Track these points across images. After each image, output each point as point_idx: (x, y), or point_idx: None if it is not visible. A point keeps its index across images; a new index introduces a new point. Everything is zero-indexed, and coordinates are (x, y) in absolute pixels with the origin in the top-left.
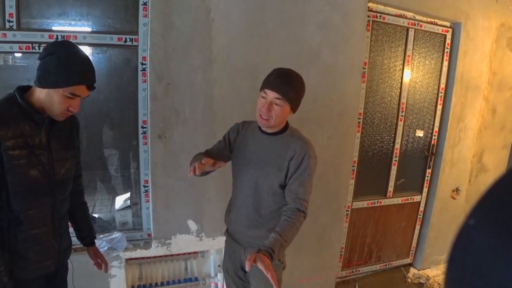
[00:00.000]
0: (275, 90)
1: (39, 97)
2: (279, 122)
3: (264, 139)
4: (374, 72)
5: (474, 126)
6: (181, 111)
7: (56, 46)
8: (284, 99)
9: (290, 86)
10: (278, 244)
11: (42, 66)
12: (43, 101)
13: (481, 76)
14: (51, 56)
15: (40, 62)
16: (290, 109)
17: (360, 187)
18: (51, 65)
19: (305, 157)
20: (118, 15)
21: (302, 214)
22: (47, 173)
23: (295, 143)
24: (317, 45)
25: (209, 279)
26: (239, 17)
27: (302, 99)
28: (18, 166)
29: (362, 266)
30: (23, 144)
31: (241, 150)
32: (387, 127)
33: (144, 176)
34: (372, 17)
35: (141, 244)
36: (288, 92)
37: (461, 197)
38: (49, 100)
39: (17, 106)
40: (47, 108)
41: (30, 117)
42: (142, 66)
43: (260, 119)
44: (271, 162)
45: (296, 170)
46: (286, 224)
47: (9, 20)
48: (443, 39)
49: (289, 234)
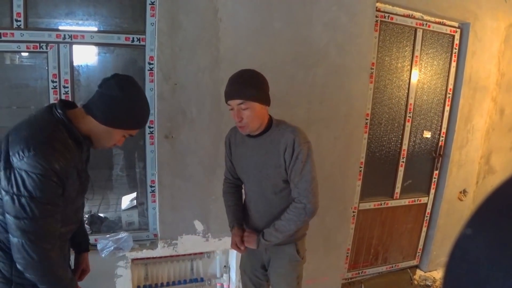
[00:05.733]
0: (234, 98)
1: (92, 128)
2: (259, 122)
3: (254, 142)
4: (382, 72)
5: (482, 127)
6: (188, 111)
7: (126, 86)
8: (246, 100)
9: (244, 86)
10: (268, 232)
11: (109, 104)
12: (96, 133)
13: (489, 77)
14: (121, 97)
15: (106, 98)
16: (260, 104)
17: (367, 188)
18: (121, 108)
19: (295, 145)
20: (125, 14)
21: (300, 205)
22: (84, 193)
23: (284, 135)
24: (324, 45)
25: (215, 279)
26: (246, 17)
27: (268, 89)
28: (69, 194)
29: (368, 268)
30: (75, 173)
31: (238, 159)
32: (394, 128)
33: (151, 176)
34: (380, 17)
35: (147, 244)
36: (246, 93)
37: (468, 199)
38: (106, 135)
39: (66, 131)
40: (97, 139)
41: (78, 143)
42: (149, 66)
43: (240, 129)
44: (267, 162)
45: (291, 161)
46: (283, 217)
47: (17, 19)
48: (451, 40)
49: (282, 224)
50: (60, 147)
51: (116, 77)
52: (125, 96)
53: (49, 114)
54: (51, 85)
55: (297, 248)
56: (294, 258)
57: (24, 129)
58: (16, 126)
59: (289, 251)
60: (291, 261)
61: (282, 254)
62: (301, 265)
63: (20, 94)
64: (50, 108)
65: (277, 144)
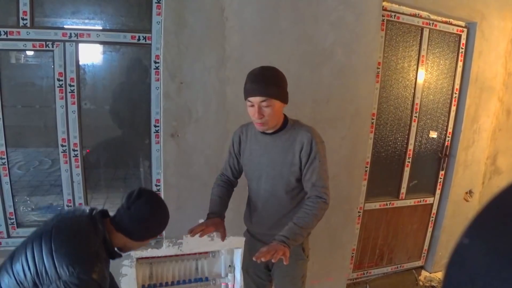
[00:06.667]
0: (257, 95)
1: (127, 244)
2: (277, 120)
3: (269, 140)
4: (388, 72)
5: (488, 127)
6: (193, 110)
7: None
8: (269, 98)
9: (267, 83)
10: (292, 231)
11: (143, 225)
12: (129, 247)
13: (496, 76)
14: (152, 218)
15: (139, 220)
16: (280, 102)
17: (372, 188)
18: (153, 226)
19: (312, 144)
20: (132, 13)
21: (321, 200)
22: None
23: (300, 134)
24: (330, 45)
25: (220, 279)
26: (253, 16)
27: (287, 87)
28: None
29: (373, 268)
30: (108, 278)
31: (248, 156)
32: (400, 128)
33: (156, 175)
34: (387, 17)
35: (152, 243)
36: (269, 90)
37: (474, 200)
38: (138, 245)
39: (105, 246)
40: (128, 249)
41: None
42: (155, 65)
43: (258, 126)
44: (282, 160)
45: (308, 160)
46: (302, 212)
47: (23, 18)
48: (458, 39)
49: (305, 221)
50: (101, 264)
51: (143, 197)
52: (156, 216)
53: (91, 226)
54: (57, 84)
55: (302, 246)
56: (300, 256)
57: (67, 240)
58: (57, 228)
59: (295, 250)
60: (297, 260)
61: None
62: (306, 263)
63: (26, 92)
64: (91, 219)
65: (292, 142)
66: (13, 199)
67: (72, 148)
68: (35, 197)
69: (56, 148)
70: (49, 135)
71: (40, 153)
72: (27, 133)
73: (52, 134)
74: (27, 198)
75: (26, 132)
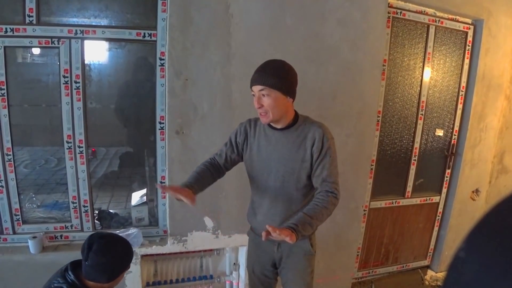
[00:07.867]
0: (256, 83)
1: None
2: (279, 113)
3: (279, 135)
4: (394, 69)
5: (495, 126)
6: (199, 107)
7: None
8: (268, 87)
9: (269, 74)
10: (302, 221)
11: (105, 269)
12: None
13: (503, 74)
14: (109, 259)
15: (99, 267)
16: (282, 95)
17: (378, 186)
18: (115, 265)
19: (324, 140)
20: (137, 10)
21: (331, 194)
22: None
23: (312, 130)
24: (336, 42)
25: (224, 277)
26: (258, 13)
27: (296, 82)
28: None
29: (379, 267)
30: None
31: (256, 151)
32: (406, 126)
33: (161, 172)
34: (393, 14)
35: (157, 240)
36: (268, 80)
37: (481, 199)
38: (115, 284)
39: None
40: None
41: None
42: (160, 62)
43: (260, 117)
44: (293, 156)
45: (319, 156)
46: (312, 204)
47: (29, 15)
48: (464, 36)
49: (316, 212)
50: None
51: (94, 245)
52: (115, 256)
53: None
54: (63, 81)
55: (310, 242)
56: (309, 252)
57: None
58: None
59: (303, 246)
60: (305, 255)
61: (297, 249)
62: (314, 259)
63: (32, 89)
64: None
65: (304, 138)
66: (18, 196)
67: (77, 144)
68: (40, 195)
69: (62, 146)
70: (55, 134)
71: (46, 152)
72: (34, 131)
73: (58, 133)
74: (33, 196)
75: (33, 131)
